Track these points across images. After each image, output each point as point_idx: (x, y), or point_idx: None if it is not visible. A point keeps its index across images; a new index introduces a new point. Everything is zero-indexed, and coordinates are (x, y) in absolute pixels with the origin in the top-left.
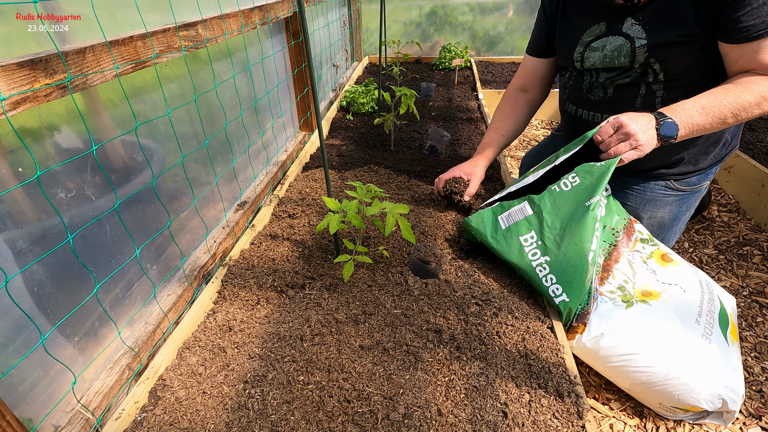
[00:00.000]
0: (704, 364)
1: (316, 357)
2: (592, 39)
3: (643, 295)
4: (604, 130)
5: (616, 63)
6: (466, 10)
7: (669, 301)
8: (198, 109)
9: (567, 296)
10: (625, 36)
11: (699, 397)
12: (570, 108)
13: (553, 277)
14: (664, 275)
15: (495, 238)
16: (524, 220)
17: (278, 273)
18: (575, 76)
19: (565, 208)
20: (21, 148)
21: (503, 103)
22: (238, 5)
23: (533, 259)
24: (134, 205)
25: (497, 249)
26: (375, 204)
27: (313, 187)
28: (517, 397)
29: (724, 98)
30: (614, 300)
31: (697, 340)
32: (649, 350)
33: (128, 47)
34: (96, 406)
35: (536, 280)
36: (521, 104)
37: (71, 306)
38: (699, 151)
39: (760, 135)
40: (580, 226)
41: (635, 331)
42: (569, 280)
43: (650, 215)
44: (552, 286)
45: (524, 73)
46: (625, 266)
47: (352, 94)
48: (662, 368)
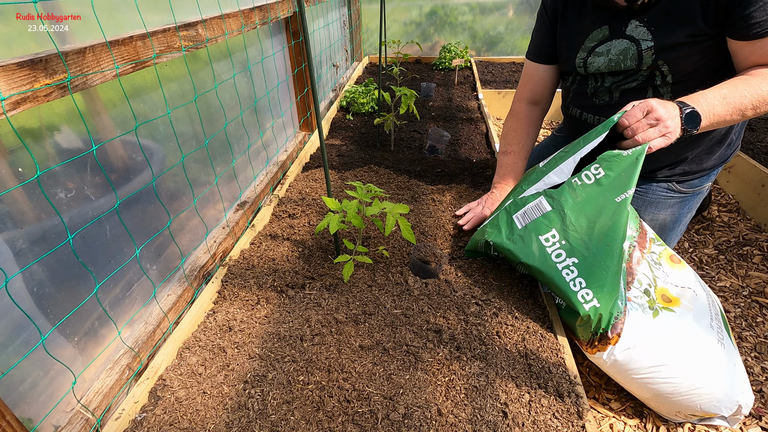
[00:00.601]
0: (723, 371)
1: (316, 357)
2: (596, 44)
3: (663, 300)
4: (632, 114)
5: (622, 66)
6: (466, 10)
7: (689, 308)
8: (198, 109)
9: (598, 301)
10: (630, 38)
11: (720, 405)
12: (574, 111)
13: (582, 280)
14: (676, 278)
15: (511, 239)
16: (542, 217)
17: (278, 273)
18: (579, 81)
19: (592, 205)
20: (21, 148)
21: (517, 123)
22: (238, 5)
23: (558, 261)
24: (134, 205)
25: (515, 251)
26: (375, 204)
27: (313, 187)
28: (517, 397)
29: (744, 89)
30: (642, 307)
31: (715, 346)
32: (676, 361)
33: (128, 47)
34: (96, 406)
35: (562, 284)
36: (535, 121)
37: (71, 306)
38: (703, 152)
39: (760, 135)
40: (613, 225)
41: (663, 342)
42: (601, 284)
43: (652, 217)
44: (581, 290)
45: (532, 83)
46: (646, 269)
47: (352, 94)
48: (688, 379)
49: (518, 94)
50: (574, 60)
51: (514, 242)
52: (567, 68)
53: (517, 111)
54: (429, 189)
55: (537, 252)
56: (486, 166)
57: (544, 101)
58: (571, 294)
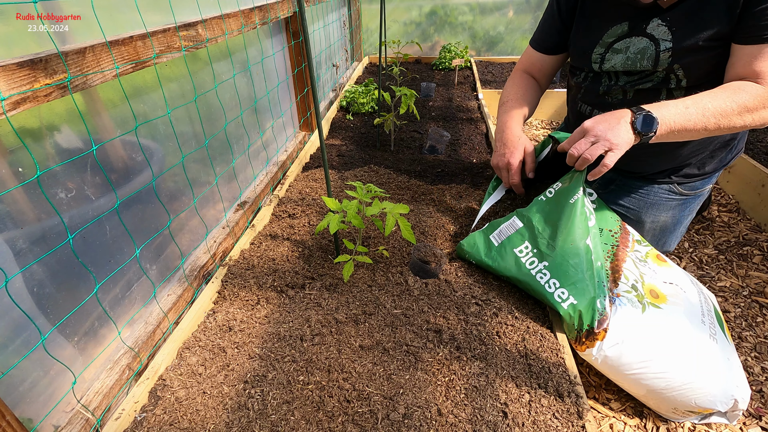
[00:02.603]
0: (716, 366)
1: (316, 357)
2: (614, 40)
3: (651, 295)
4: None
5: (638, 66)
6: (466, 10)
7: (677, 303)
8: (198, 109)
9: (574, 298)
10: (650, 37)
11: (715, 399)
12: (584, 108)
13: (555, 281)
14: (664, 275)
15: (490, 256)
16: (516, 233)
17: (278, 273)
18: (591, 78)
19: (553, 212)
20: (21, 148)
21: (517, 80)
22: (238, 5)
23: (531, 268)
24: (134, 205)
25: (494, 267)
26: (375, 204)
27: (313, 187)
28: (517, 397)
29: (708, 102)
30: (631, 301)
31: (707, 341)
32: (667, 355)
33: (128, 47)
34: (96, 406)
35: (539, 288)
36: (533, 85)
37: (71, 306)
38: (706, 155)
39: (760, 135)
40: (570, 223)
41: (653, 336)
42: (572, 281)
43: (653, 219)
44: (556, 291)
45: (530, 64)
46: (631, 265)
47: (352, 94)
48: (680, 373)
49: (517, 66)
50: (591, 55)
51: (493, 259)
52: (581, 63)
53: (516, 74)
54: (429, 189)
55: (513, 264)
56: (486, 166)
57: (539, 80)
58: (548, 295)
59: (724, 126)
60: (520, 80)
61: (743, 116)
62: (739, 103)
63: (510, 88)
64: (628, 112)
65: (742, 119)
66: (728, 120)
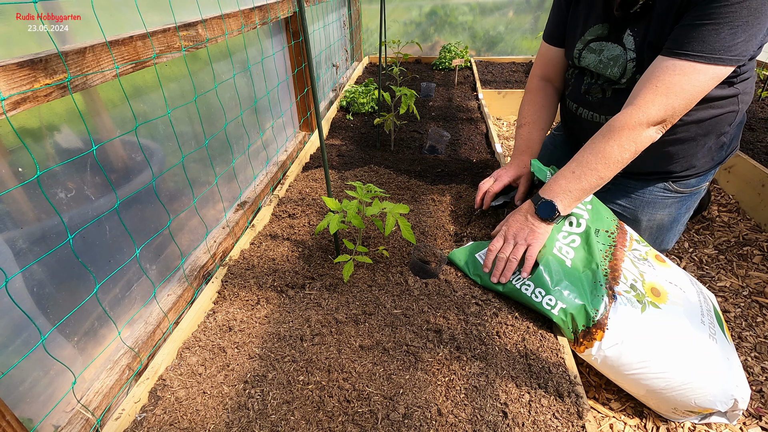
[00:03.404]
0: (716, 366)
1: (316, 357)
2: (593, 38)
3: (653, 294)
4: (495, 247)
5: (608, 72)
6: (466, 10)
7: (677, 302)
8: (198, 109)
9: (563, 302)
10: (623, 46)
11: (715, 399)
12: (571, 105)
13: (540, 290)
14: (664, 274)
15: (477, 274)
16: None
17: (278, 273)
18: (576, 74)
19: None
20: (21, 148)
21: (533, 96)
22: (238, 5)
23: (516, 283)
24: (134, 205)
25: (481, 283)
26: (375, 204)
27: (313, 187)
28: (517, 397)
29: (589, 155)
30: (630, 301)
31: (706, 341)
32: (666, 355)
33: (128, 47)
34: (96, 406)
35: (526, 299)
36: (550, 94)
37: (71, 306)
38: (700, 155)
39: (760, 135)
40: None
41: (653, 336)
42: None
43: (649, 217)
44: (544, 299)
45: (544, 63)
46: (630, 265)
47: (352, 94)
48: (680, 373)
49: (532, 72)
50: (572, 50)
51: (480, 277)
52: (569, 56)
53: (530, 87)
54: (429, 189)
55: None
56: (486, 166)
57: (556, 80)
58: (537, 304)
59: (615, 168)
60: (536, 96)
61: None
62: (614, 140)
63: (526, 107)
64: (530, 204)
65: (627, 151)
66: (615, 158)
